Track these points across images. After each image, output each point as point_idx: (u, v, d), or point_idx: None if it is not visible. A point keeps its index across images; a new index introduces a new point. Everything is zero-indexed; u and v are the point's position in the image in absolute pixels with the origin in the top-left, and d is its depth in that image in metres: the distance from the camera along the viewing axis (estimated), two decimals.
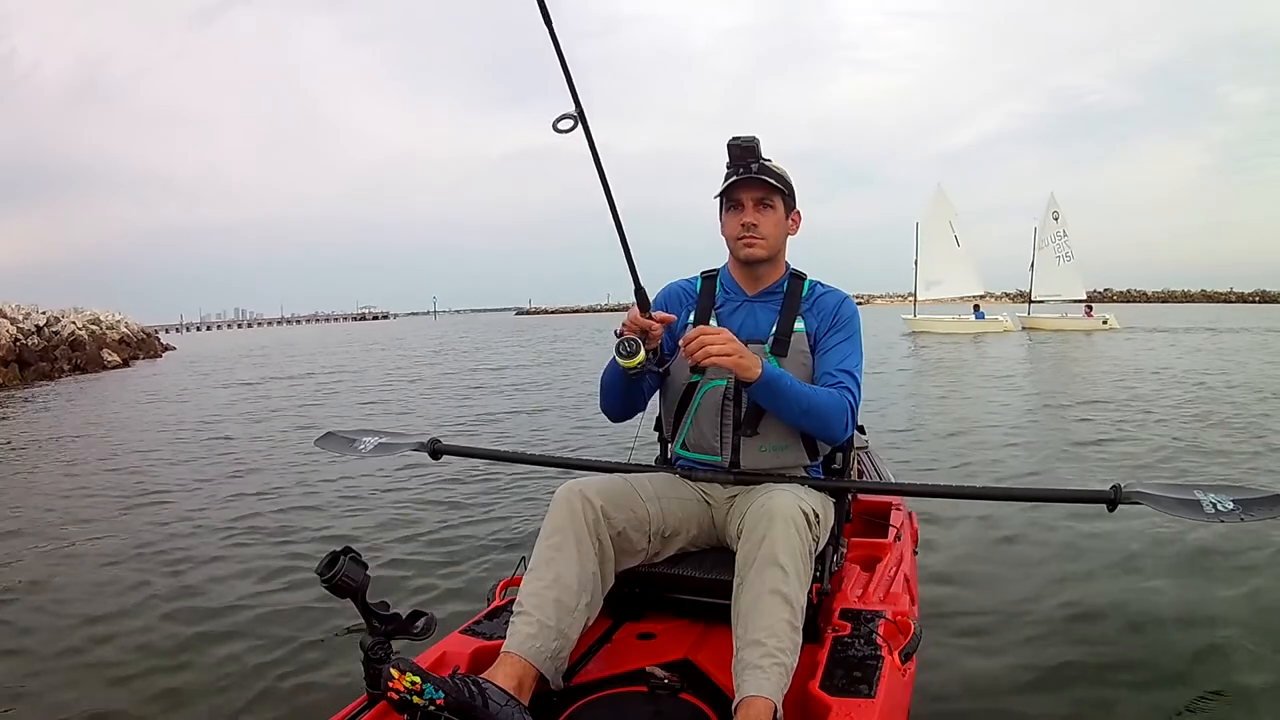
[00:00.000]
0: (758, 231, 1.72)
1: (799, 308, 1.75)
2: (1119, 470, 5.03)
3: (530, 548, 1.58)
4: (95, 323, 21.45)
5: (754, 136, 1.70)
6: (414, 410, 9.53)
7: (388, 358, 20.54)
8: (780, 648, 1.35)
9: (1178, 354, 14.93)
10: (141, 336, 24.84)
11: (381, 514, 4.30)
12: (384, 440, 2.11)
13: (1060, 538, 3.57)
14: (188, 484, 5.34)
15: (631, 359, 1.58)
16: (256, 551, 3.72)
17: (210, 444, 7.07)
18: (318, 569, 1.27)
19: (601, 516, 1.56)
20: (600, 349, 19.31)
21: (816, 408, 1.61)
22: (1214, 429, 6.49)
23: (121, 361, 20.21)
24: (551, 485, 1.66)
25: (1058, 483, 4.77)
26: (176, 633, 2.79)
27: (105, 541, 3.96)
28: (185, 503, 4.79)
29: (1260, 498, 1.57)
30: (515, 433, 7.43)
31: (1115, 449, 5.85)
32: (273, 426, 8.11)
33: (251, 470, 5.77)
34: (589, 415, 7.80)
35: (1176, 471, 4.99)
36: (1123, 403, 8.31)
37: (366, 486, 4.94)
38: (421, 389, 12.12)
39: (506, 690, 1.31)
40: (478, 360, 18.31)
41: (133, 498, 4.97)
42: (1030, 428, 7.08)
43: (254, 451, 6.60)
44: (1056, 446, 6.01)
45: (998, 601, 2.88)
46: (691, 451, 1.78)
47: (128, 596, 3.16)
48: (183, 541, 3.90)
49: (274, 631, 2.76)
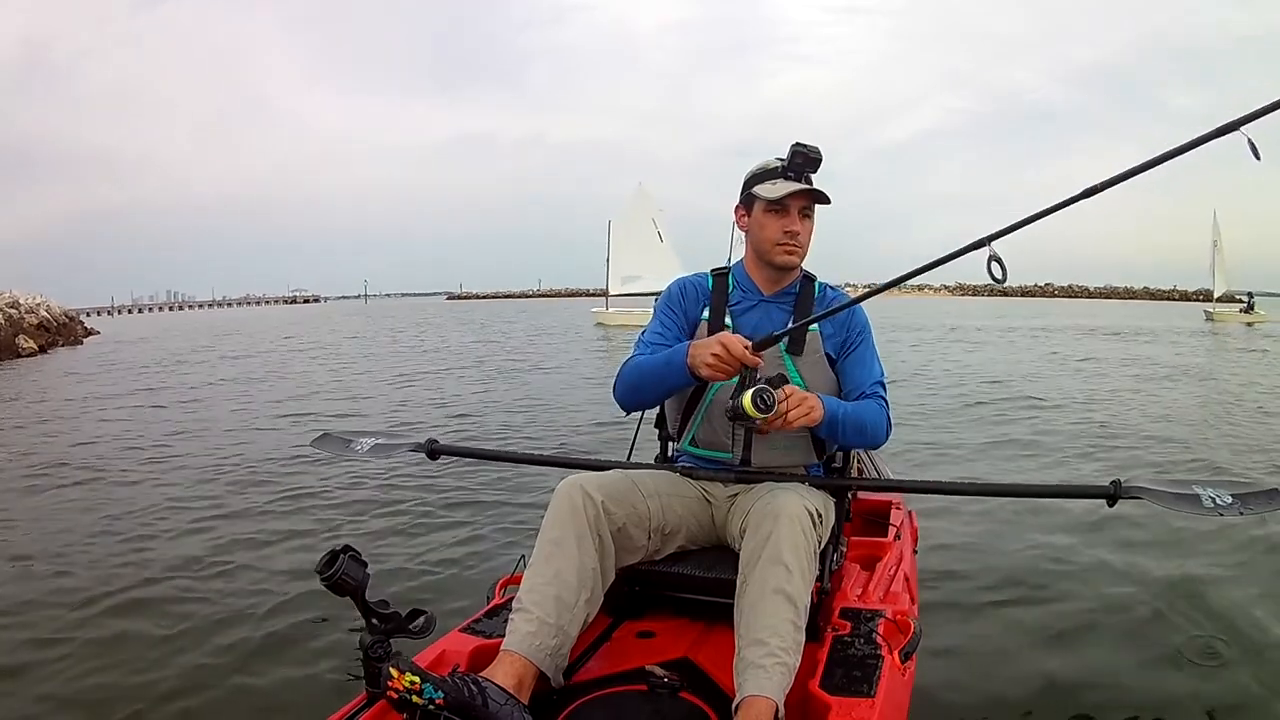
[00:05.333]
0: (798, 240, 1.73)
1: (812, 309, 1.76)
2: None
3: (530, 546, 1.57)
4: (13, 306, 19.72)
5: (818, 148, 1.70)
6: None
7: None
8: (783, 647, 1.35)
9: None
10: (63, 321, 22.99)
11: (380, 512, 4.29)
12: (380, 441, 2.11)
13: (1064, 535, 3.57)
14: (171, 471, 5.33)
15: (767, 413, 1.48)
16: (256, 551, 3.71)
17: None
18: (317, 567, 1.27)
19: (602, 512, 1.56)
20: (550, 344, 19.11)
21: (866, 425, 1.68)
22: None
23: (38, 348, 18.59)
24: (551, 482, 1.66)
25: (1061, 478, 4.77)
26: (174, 633, 2.78)
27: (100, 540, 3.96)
28: (176, 494, 4.78)
29: (1257, 491, 1.59)
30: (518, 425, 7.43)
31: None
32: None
33: (240, 463, 5.76)
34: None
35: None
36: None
37: (364, 484, 4.93)
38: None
39: (506, 689, 1.31)
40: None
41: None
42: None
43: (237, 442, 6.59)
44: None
45: (999, 601, 2.88)
46: (701, 448, 1.79)
47: (123, 591, 3.15)
48: (169, 538, 3.89)
49: (273, 630, 2.75)
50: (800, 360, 1.72)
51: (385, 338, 21.05)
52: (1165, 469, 5.10)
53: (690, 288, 1.83)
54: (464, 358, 15.00)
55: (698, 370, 1.58)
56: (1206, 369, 11.80)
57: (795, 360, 1.72)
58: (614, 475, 1.68)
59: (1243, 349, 16.10)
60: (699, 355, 1.57)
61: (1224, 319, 27.08)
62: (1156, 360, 12.93)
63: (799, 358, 1.72)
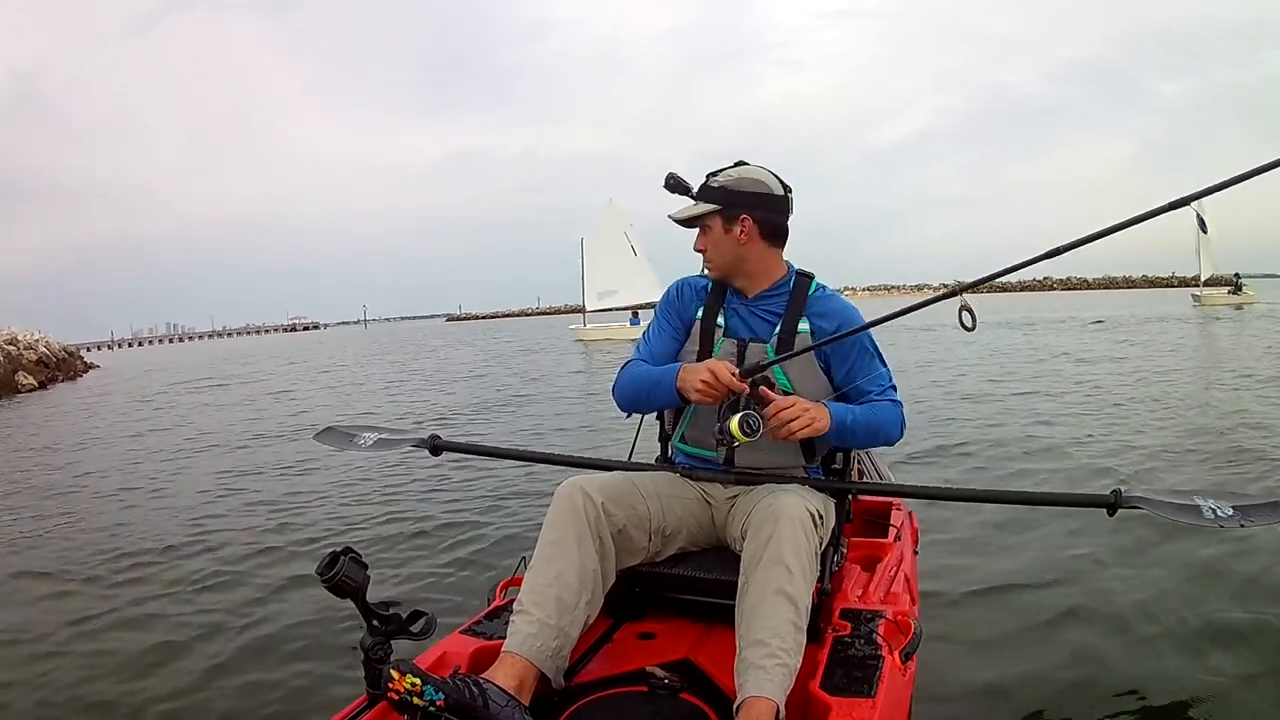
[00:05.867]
0: (706, 255, 1.78)
1: (803, 309, 1.74)
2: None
3: (530, 548, 1.57)
4: (12, 343, 19.82)
5: (672, 174, 1.77)
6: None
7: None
8: (784, 648, 1.35)
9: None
10: (63, 356, 22.99)
11: (381, 514, 4.30)
12: (384, 436, 2.11)
13: (1062, 540, 3.57)
14: (176, 484, 5.34)
15: (755, 435, 1.52)
16: (256, 552, 3.71)
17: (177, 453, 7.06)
18: (318, 569, 1.27)
19: (602, 514, 1.56)
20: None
21: (878, 426, 1.70)
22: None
23: (38, 384, 18.63)
24: (552, 483, 1.66)
25: (1060, 486, 4.76)
26: (175, 635, 2.78)
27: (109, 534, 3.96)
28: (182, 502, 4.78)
29: (1259, 504, 1.59)
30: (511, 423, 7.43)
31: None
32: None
33: (244, 470, 5.76)
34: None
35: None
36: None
37: (366, 486, 4.94)
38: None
39: (507, 690, 1.31)
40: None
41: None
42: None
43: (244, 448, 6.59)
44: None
45: (999, 601, 2.88)
46: (689, 445, 1.80)
47: (122, 593, 3.16)
48: (178, 540, 3.90)
49: (273, 632, 2.76)
50: (788, 366, 1.70)
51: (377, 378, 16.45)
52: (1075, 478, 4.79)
53: (687, 288, 1.85)
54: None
55: (687, 395, 1.63)
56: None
57: (783, 366, 1.70)
58: (615, 477, 1.68)
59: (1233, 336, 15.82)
60: (688, 381, 1.61)
61: (1212, 301, 27.08)
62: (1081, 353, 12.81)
63: (787, 363, 1.70)
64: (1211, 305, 26.47)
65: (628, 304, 26.30)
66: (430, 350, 26.38)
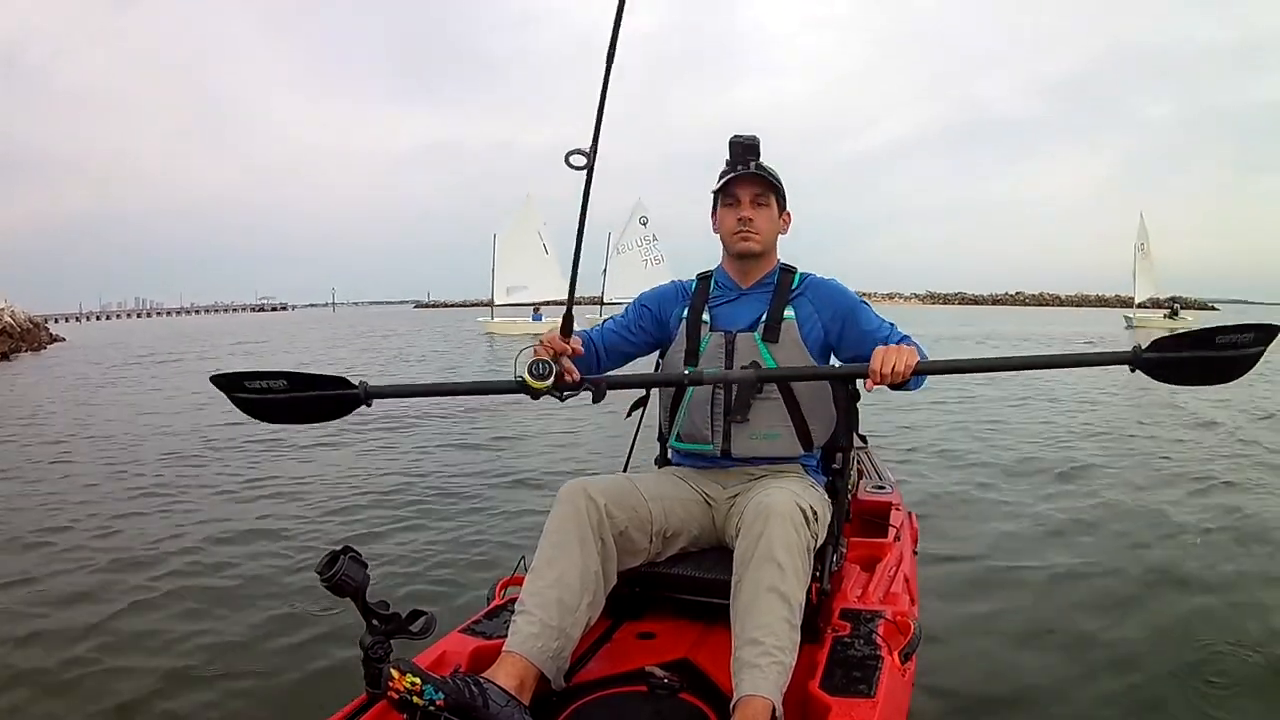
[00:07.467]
0: (753, 226, 1.77)
1: (788, 297, 1.79)
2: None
3: (530, 547, 1.57)
4: None
5: (755, 136, 1.75)
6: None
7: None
8: (778, 646, 1.35)
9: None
10: (28, 326, 22.12)
11: (379, 512, 4.29)
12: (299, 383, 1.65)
13: (1065, 535, 3.58)
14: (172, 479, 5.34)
15: (542, 380, 1.56)
16: (255, 552, 3.71)
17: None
18: (317, 568, 1.27)
19: (604, 516, 1.56)
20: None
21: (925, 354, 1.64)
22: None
23: (1, 354, 17.94)
24: (554, 483, 1.66)
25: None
26: (174, 634, 2.78)
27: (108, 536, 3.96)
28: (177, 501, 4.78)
29: (1263, 324, 1.49)
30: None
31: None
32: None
33: (232, 463, 5.76)
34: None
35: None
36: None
37: (365, 484, 4.94)
38: None
39: (507, 690, 1.31)
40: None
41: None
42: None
43: None
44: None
45: (999, 601, 2.88)
46: (684, 442, 1.82)
47: (123, 593, 3.16)
48: (168, 542, 3.89)
49: (272, 631, 2.76)
50: (775, 347, 1.74)
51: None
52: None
53: (675, 289, 1.90)
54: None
55: (538, 353, 1.63)
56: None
57: (770, 348, 1.74)
58: (616, 478, 1.69)
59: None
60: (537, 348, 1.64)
61: (1146, 325, 26.67)
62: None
63: (774, 345, 1.74)
64: (1144, 328, 25.98)
65: (535, 300, 26.50)
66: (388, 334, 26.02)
